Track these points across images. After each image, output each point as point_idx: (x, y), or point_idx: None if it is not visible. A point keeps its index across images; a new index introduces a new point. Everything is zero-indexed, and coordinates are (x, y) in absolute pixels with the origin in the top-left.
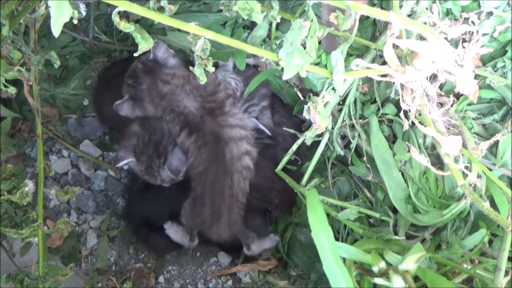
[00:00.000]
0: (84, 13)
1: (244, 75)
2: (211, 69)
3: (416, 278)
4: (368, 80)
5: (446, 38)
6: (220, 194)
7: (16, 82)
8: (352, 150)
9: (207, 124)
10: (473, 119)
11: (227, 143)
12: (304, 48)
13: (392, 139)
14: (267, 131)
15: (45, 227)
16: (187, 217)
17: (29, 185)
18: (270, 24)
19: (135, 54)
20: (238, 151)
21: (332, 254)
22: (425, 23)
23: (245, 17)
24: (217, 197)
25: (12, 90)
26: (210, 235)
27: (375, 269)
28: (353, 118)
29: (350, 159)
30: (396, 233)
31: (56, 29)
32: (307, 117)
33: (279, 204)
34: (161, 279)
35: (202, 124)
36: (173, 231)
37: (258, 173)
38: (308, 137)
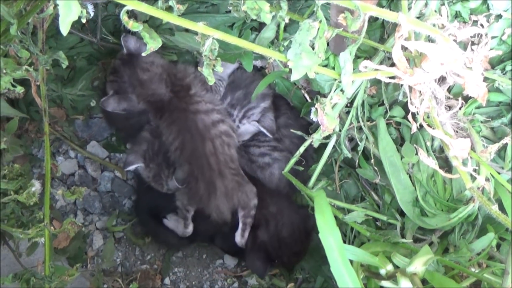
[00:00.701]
0: (92, 14)
1: (242, 78)
2: (220, 69)
3: (423, 282)
4: (376, 82)
5: (455, 40)
6: (206, 162)
7: (23, 83)
8: (360, 152)
9: (173, 104)
10: (481, 122)
11: (195, 115)
12: (313, 49)
13: (399, 142)
14: (268, 134)
15: (52, 228)
16: (182, 199)
17: (36, 185)
18: (278, 26)
19: (143, 54)
20: (209, 119)
21: (340, 255)
22: (434, 25)
23: (254, 17)
24: (205, 168)
25: (19, 90)
26: (210, 211)
27: (383, 271)
28: (360, 120)
29: (357, 161)
30: (403, 236)
31: (64, 28)
32: (314, 119)
33: (286, 263)
34: (167, 280)
35: (169, 104)
36: (169, 221)
37: (289, 229)
38: (315, 139)
